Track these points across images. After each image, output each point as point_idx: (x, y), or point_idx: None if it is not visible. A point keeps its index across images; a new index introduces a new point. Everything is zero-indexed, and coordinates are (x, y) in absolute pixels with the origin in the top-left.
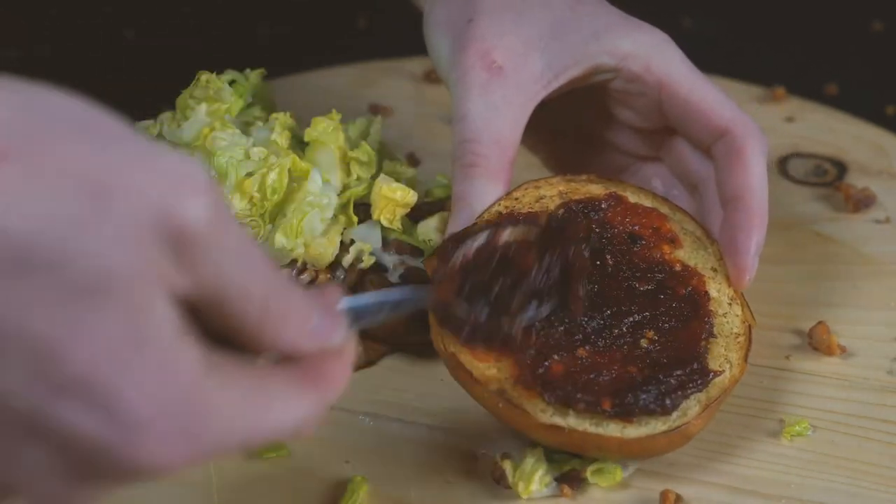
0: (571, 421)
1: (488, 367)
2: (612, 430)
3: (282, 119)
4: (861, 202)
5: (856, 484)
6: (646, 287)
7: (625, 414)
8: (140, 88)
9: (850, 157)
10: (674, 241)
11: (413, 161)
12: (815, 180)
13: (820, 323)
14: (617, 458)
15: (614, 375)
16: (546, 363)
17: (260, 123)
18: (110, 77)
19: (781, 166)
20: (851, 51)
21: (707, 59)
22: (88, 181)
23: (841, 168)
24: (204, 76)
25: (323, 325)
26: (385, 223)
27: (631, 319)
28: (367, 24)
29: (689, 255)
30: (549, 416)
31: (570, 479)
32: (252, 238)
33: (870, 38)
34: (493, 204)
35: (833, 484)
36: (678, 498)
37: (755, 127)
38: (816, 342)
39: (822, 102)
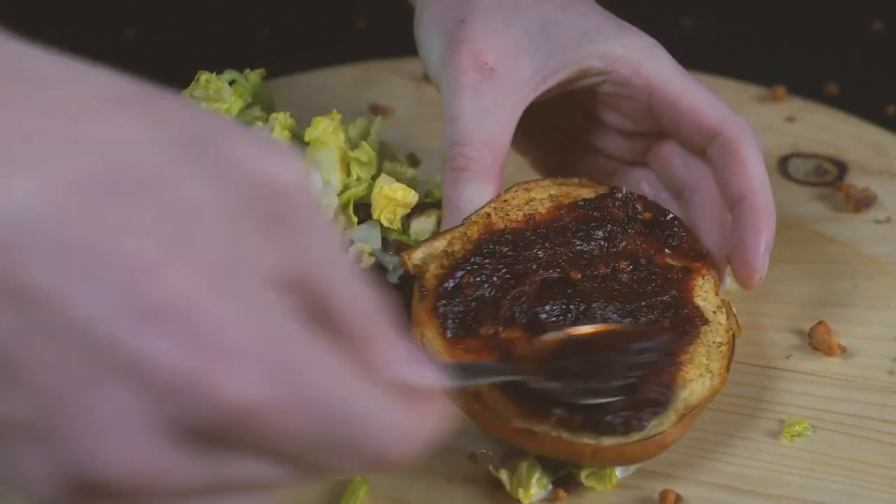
0: (545, 426)
1: None
2: (586, 437)
3: (282, 119)
4: (861, 202)
5: (856, 484)
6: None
7: (596, 430)
8: None
9: (850, 157)
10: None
11: (413, 161)
12: (816, 180)
13: (820, 323)
14: (591, 465)
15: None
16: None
17: (260, 123)
18: None
19: (781, 166)
20: (851, 51)
21: (707, 59)
22: (187, 131)
23: (841, 168)
24: (204, 76)
25: (418, 358)
26: (385, 223)
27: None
28: (367, 24)
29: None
30: (523, 420)
31: (565, 482)
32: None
33: (870, 38)
34: (483, 206)
35: (833, 484)
36: (678, 498)
37: (746, 126)
38: (817, 342)
39: (822, 102)
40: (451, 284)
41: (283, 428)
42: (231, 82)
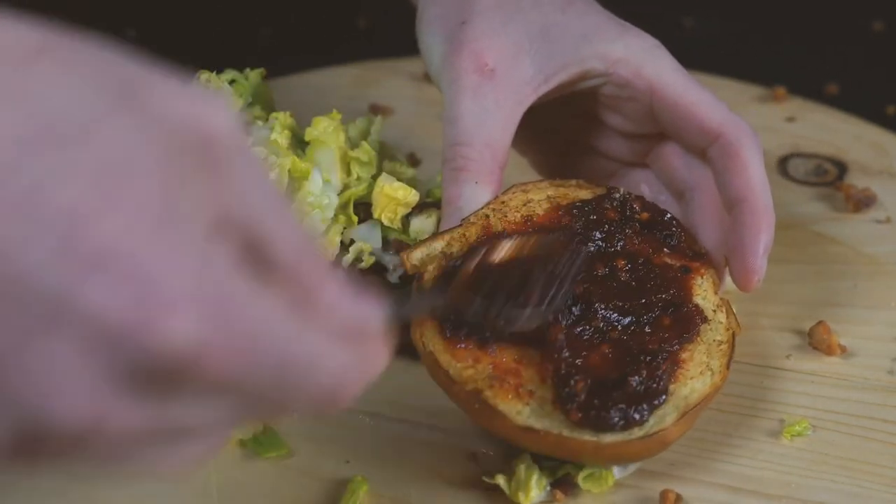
0: (547, 423)
1: (465, 368)
2: (588, 434)
3: (282, 119)
4: (861, 202)
5: (856, 484)
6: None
7: (595, 426)
8: None
9: (850, 157)
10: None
11: (413, 161)
12: (816, 180)
13: (820, 323)
14: (593, 463)
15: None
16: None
17: (260, 123)
18: None
19: (781, 166)
20: (851, 51)
21: (707, 59)
22: (117, 80)
23: (841, 168)
24: (204, 76)
25: (363, 298)
26: (386, 222)
27: (614, 326)
28: (367, 24)
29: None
30: (524, 418)
31: (562, 484)
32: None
33: (870, 38)
34: (482, 207)
35: (833, 484)
36: (678, 498)
37: (747, 127)
38: (817, 342)
39: (823, 102)
40: None
41: (223, 370)
42: (231, 82)
